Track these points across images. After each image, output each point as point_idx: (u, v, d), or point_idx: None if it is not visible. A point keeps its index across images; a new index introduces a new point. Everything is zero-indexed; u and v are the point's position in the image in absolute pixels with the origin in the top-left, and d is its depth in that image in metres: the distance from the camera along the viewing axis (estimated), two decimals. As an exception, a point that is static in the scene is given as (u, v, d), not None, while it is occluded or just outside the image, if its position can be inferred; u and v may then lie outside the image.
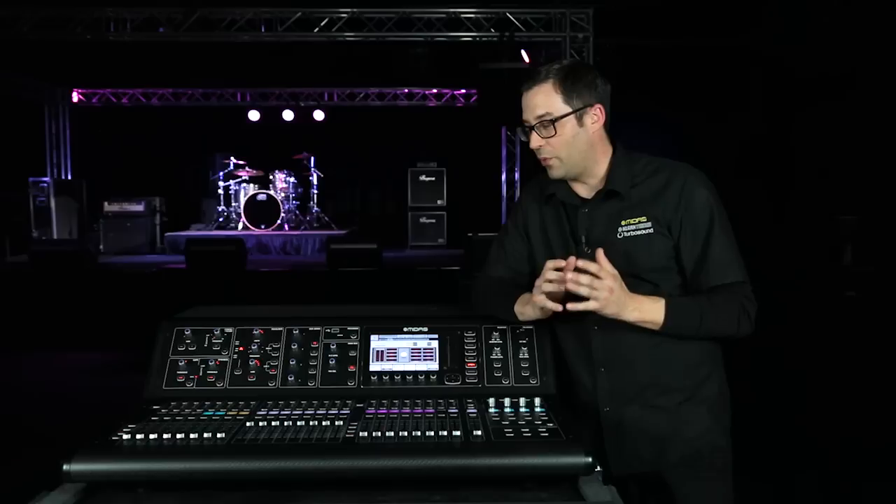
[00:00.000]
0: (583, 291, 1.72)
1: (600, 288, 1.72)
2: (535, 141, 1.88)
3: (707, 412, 1.93)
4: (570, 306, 1.75)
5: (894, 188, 8.73)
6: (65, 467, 1.39)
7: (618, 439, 1.93)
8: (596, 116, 1.90)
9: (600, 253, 1.75)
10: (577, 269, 1.74)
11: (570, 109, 1.87)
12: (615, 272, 1.75)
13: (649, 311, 1.80)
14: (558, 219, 2.00)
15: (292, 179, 12.08)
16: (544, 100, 1.86)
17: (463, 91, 13.63)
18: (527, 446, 1.44)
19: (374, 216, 14.05)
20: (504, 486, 1.43)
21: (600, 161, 1.94)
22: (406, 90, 13.82)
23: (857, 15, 8.63)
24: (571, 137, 1.88)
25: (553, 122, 1.86)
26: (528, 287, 1.90)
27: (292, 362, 1.82)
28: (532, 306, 1.83)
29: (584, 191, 1.97)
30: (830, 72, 10.00)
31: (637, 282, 1.86)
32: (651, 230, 1.87)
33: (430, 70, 11.39)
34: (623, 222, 1.89)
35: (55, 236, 11.83)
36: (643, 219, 1.88)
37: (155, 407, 1.66)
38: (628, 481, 1.94)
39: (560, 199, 1.98)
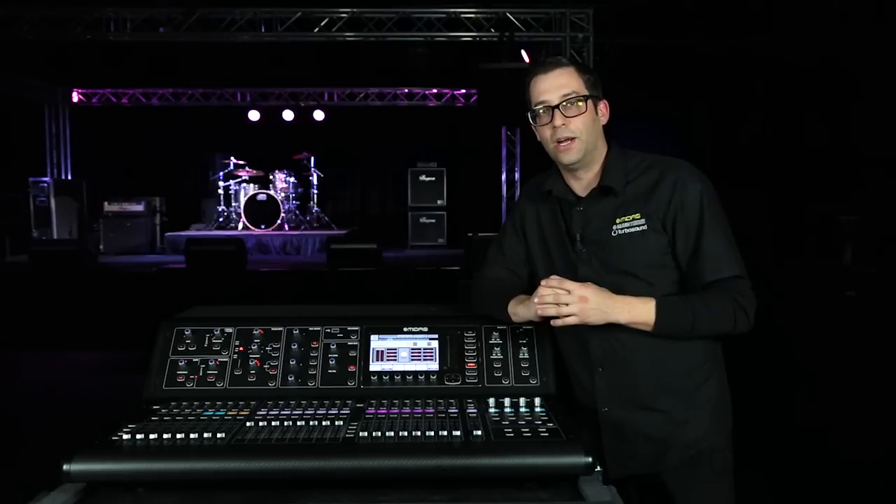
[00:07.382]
0: (550, 311, 1.76)
1: (569, 301, 1.75)
2: (560, 119, 1.89)
3: (707, 415, 1.92)
4: (554, 322, 1.78)
5: (894, 188, 8.73)
6: (65, 467, 1.39)
7: (617, 440, 1.92)
8: (604, 110, 1.97)
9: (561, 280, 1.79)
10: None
11: (591, 93, 1.92)
12: (586, 284, 1.78)
13: (640, 311, 1.80)
14: (554, 218, 2.01)
15: (292, 179, 12.08)
16: (569, 80, 1.90)
17: (463, 91, 13.62)
18: (527, 446, 1.44)
19: (374, 216, 14.05)
20: (504, 486, 1.43)
21: (600, 156, 1.96)
22: (406, 90, 13.82)
23: (857, 15, 8.62)
24: (591, 121, 1.92)
25: (584, 98, 1.89)
26: (526, 288, 1.89)
27: (292, 362, 1.82)
28: (525, 307, 1.84)
29: (579, 188, 1.98)
30: (831, 72, 10.01)
31: (633, 280, 1.86)
32: (645, 227, 1.87)
33: (430, 70, 11.39)
34: (618, 220, 1.89)
35: (55, 236, 11.83)
36: (637, 216, 1.88)
37: (155, 407, 1.66)
38: (627, 483, 1.93)
39: (556, 194, 1.99)
